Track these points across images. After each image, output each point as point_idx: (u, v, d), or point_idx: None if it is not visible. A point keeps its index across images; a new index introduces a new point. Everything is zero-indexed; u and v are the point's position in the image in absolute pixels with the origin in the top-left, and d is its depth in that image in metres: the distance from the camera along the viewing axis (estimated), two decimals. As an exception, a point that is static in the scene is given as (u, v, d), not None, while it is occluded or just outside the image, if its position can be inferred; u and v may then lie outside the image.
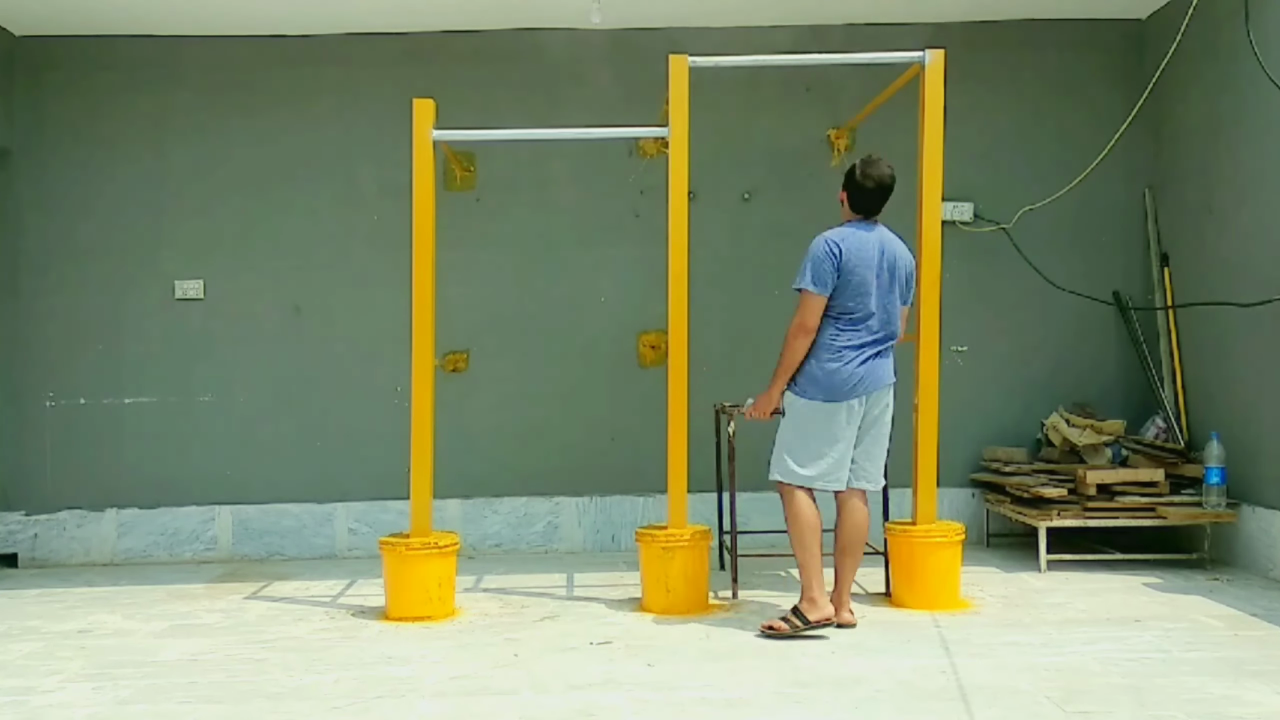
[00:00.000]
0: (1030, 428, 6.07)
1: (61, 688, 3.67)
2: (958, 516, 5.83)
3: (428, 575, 4.56)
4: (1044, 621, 4.35)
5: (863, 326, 4.22)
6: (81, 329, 6.02)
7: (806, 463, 4.24)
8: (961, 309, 5.92)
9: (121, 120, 6.04)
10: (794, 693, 3.48)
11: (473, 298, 6.02)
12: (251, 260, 6.06)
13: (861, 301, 4.21)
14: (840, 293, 4.21)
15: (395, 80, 5.94)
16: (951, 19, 6.04)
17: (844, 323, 4.23)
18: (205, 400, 6.05)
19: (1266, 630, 4.17)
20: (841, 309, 4.22)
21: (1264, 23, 5.06)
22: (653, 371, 5.97)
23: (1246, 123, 5.24)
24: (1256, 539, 5.16)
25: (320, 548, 6.05)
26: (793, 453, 4.27)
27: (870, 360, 4.23)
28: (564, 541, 6.10)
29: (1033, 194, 6.08)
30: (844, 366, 4.20)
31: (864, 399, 4.24)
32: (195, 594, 5.16)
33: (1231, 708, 3.28)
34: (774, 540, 5.99)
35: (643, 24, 5.98)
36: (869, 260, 4.22)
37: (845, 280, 4.20)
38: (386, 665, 3.88)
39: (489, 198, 6.09)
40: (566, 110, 5.98)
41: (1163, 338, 5.89)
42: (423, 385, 4.74)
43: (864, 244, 4.24)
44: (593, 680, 3.65)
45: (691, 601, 4.57)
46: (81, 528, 6.00)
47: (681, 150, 4.70)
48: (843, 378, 4.20)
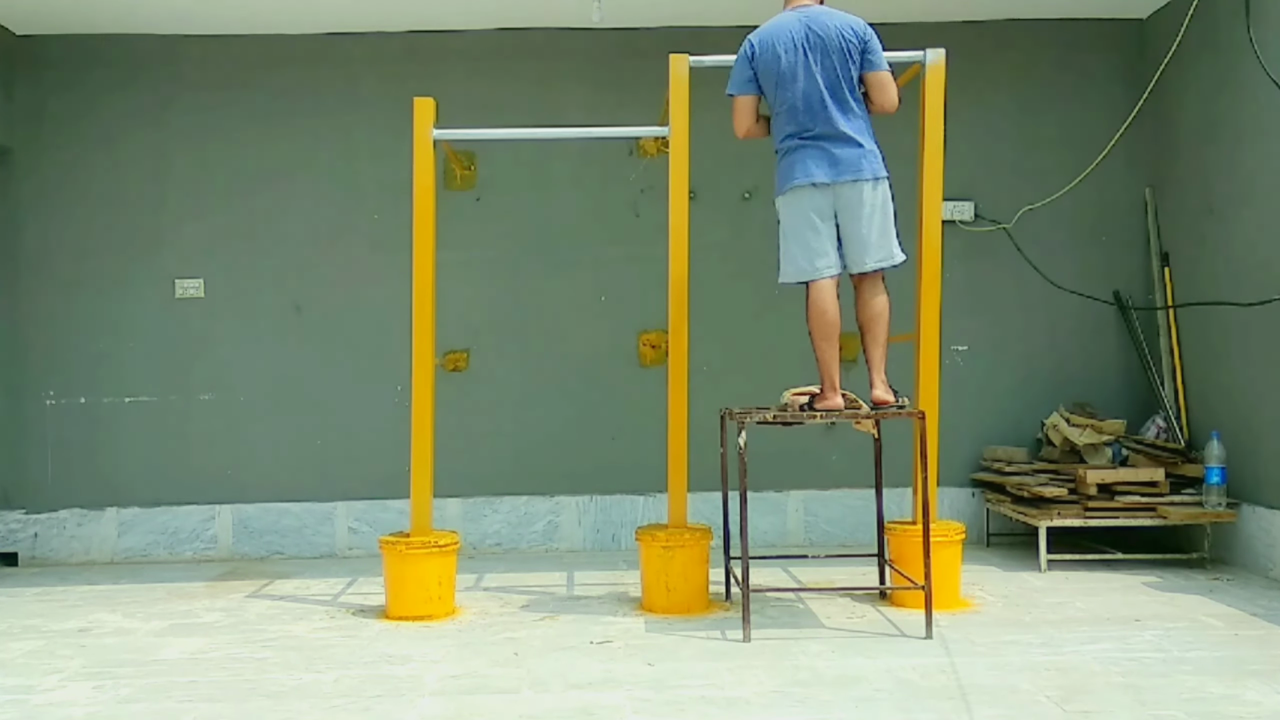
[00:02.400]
0: (1030, 427, 6.08)
1: (62, 686, 3.67)
2: (958, 516, 5.84)
3: (428, 574, 4.56)
4: (1044, 621, 4.35)
5: (799, 112, 4.24)
6: (82, 328, 6.02)
7: (787, 258, 4.35)
8: (961, 309, 5.93)
9: (121, 119, 6.05)
10: (794, 692, 3.48)
11: (473, 297, 6.02)
12: (251, 259, 6.06)
13: (791, 89, 4.24)
14: (769, 86, 4.28)
15: (395, 79, 5.94)
16: (951, 18, 6.04)
17: (784, 115, 4.28)
18: (205, 399, 6.05)
19: (1266, 630, 4.18)
20: (779, 101, 4.28)
21: (1264, 22, 5.06)
22: (653, 371, 5.97)
23: (1247, 123, 5.24)
24: (1256, 539, 5.16)
25: (320, 547, 6.06)
26: (783, 252, 4.38)
27: (818, 147, 4.23)
28: (564, 541, 6.10)
29: (1033, 193, 6.08)
30: (786, 157, 4.31)
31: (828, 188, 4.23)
32: (195, 593, 5.16)
33: (1231, 707, 3.28)
34: (773, 540, 6.01)
35: (643, 24, 5.98)
36: (786, 44, 4.24)
37: (766, 73, 4.27)
38: (387, 664, 3.88)
39: (489, 197, 6.10)
40: (566, 110, 5.98)
41: (1163, 337, 5.89)
42: (423, 384, 4.74)
43: (780, 29, 4.27)
44: (593, 679, 3.65)
45: (692, 601, 4.57)
46: (82, 526, 6.01)
47: (682, 150, 4.70)
48: (786, 165, 4.30)
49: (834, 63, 4.23)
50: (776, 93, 4.28)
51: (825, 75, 4.22)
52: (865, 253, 4.30)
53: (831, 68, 4.23)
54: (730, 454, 4.76)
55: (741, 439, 4.19)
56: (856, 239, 4.29)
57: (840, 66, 4.23)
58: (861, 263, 4.31)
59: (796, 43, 4.23)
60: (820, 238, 4.28)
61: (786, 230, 4.36)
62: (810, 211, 4.27)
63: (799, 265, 4.32)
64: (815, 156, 4.23)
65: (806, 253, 4.30)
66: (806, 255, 4.30)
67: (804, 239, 4.29)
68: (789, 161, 4.30)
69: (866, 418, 4.37)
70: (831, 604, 4.65)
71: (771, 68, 4.26)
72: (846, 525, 6.04)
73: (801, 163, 4.26)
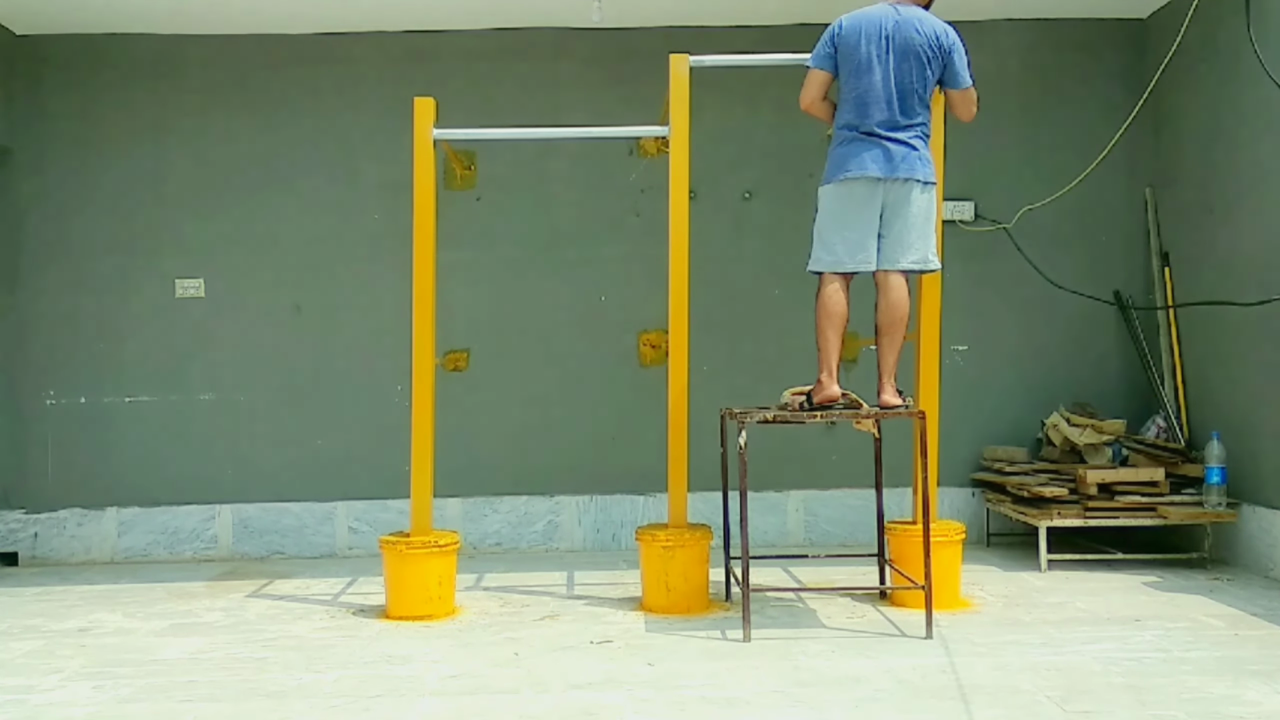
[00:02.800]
0: (1031, 427, 6.07)
1: (62, 686, 3.67)
2: (958, 516, 5.84)
3: (428, 574, 4.56)
4: (1044, 621, 4.35)
5: (867, 104, 4.22)
6: (82, 327, 6.02)
7: (824, 247, 4.32)
8: (962, 308, 5.93)
9: (122, 118, 6.04)
10: (794, 692, 3.48)
11: (473, 297, 6.02)
12: (251, 259, 6.06)
13: (864, 79, 4.22)
14: (845, 70, 4.26)
15: (396, 79, 5.95)
16: (951, 18, 6.01)
17: (851, 102, 4.26)
18: (205, 399, 6.05)
19: (1267, 630, 4.18)
20: (850, 89, 4.26)
21: (1264, 22, 5.06)
22: (653, 370, 5.97)
23: (1247, 122, 5.24)
24: (1257, 539, 5.16)
25: (320, 546, 6.06)
26: (819, 240, 4.35)
27: (877, 143, 4.21)
28: (564, 540, 6.10)
29: (1033, 193, 6.08)
30: (842, 146, 4.28)
31: (879, 184, 4.22)
32: (196, 592, 5.16)
33: (1232, 707, 3.28)
34: (773, 540, 6.00)
35: (643, 23, 5.98)
36: (871, 35, 4.23)
37: (845, 57, 4.25)
38: (387, 664, 3.88)
39: (489, 196, 6.10)
40: (566, 110, 5.98)
41: (1163, 337, 5.89)
42: (423, 384, 4.74)
43: (870, 18, 4.26)
44: (593, 679, 3.65)
45: (692, 601, 4.57)
46: (82, 526, 6.01)
47: (682, 150, 4.70)
48: (840, 155, 4.27)
49: (912, 66, 4.23)
50: (849, 79, 4.27)
51: (900, 75, 4.22)
52: (903, 252, 4.30)
53: (909, 70, 4.23)
54: (730, 454, 4.76)
55: (742, 438, 4.18)
56: (898, 238, 4.28)
57: (917, 71, 4.24)
58: (896, 260, 4.30)
59: (882, 36, 4.23)
60: (864, 232, 4.27)
61: (829, 219, 4.32)
62: (860, 204, 4.26)
63: (837, 256, 4.29)
64: (872, 151, 4.22)
65: (848, 246, 4.28)
66: (847, 248, 4.28)
67: (847, 231, 4.27)
68: (844, 151, 4.27)
69: (866, 416, 4.38)
70: (832, 604, 4.65)
71: (852, 53, 4.25)
72: (846, 525, 6.04)
73: (857, 155, 4.23)
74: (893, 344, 4.36)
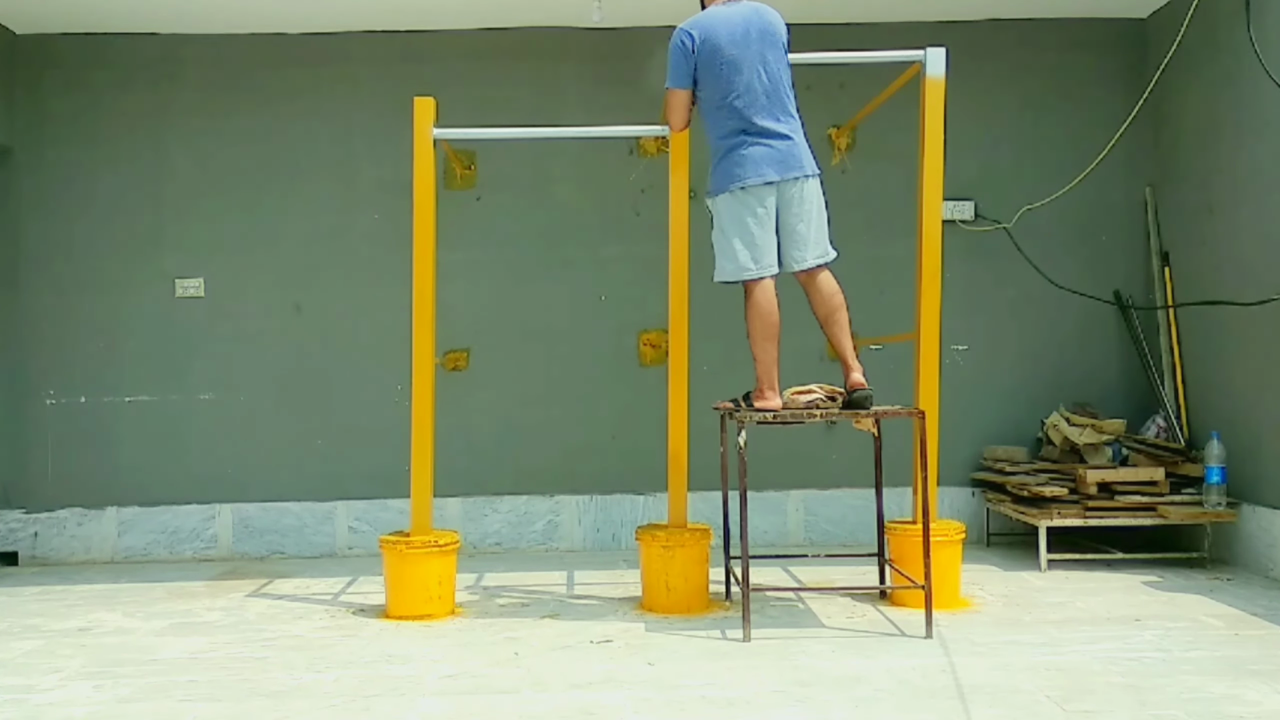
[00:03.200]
0: (1031, 427, 6.07)
1: (62, 686, 3.67)
2: (958, 515, 5.83)
3: (428, 573, 4.56)
4: (1044, 621, 4.35)
5: (747, 106, 4.17)
6: (82, 327, 6.02)
7: (728, 256, 4.29)
8: (962, 308, 5.93)
9: (122, 118, 6.04)
10: (794, 692, 3.48)
11: (473, 296, 6.02)
12: (251, 259, 6.06)
13: (735, 82, 4.16)
14: (709, 79, 4.18)
15: (395, 78, 5.94)
16: (952, 18, 6.04)
17: (727, 109, 4.19)
18: (205, 398, 6.05)
19: (1267, 629, 4.18)
20: (721, 95, 4.18)
21: (1264, 22, 5.06)
22: (653, 370, 5.97)
23: (1247, 122, 5.24)
24: (1257, 538, 5.16)
25: (321, 546, 6.06)
26: (723, 250, 4.31)
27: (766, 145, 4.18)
28: (564, 540, 6.10)
29: (1033, 193, 6.08)
30: (732, 153, 4.22)
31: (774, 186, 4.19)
32: (196, 592, 5.16)
33: (1232, 707, 3.28)
34: (773, 540, 6.00)
35: (643, 22, 5.98)
36: (734, 35, 4.16)
37: (707, 65, 4.18)
38: (387, 663, 3.88)
39: (489, 196, 6.10)
40: (566, 110, 5.98)
41: (1163, 337, 5.89)
42: (423, 384, 4.74)
43: (721, 20, 4.19)
44: (593, 679, 3.65)
45: (692, 601, 4.57)
46: (82, 526, 6.01)
47: (681, 150, 4.70)
48: (732, 161, 4.22)
49: (779, 55, 4.21)
50: (716, 86, 4.20)
51: (769, 69, 4.19)
52: (805, 250, 4.28)
53: (776, 61, 4.20)
54: (730, 453, 4.76)
55: (741, 438, 4.18)
56: (796, 236, 4.26)
57: (783, 60, 4.22)
58: (802, 260, 4.29)
59: (744, 32, 4.18)
60: (766, 236, 4.24)
61: (729, 228, 4.28)
62: (758, 209, 4.23)
63: (742, 264, 4.26)
64: (763, 153, 4.19)
65: (753, 251, 4.24)
66: (752, 254, 4.24)
67: (750, 237, 4.24)
68: (735, 159, 4.23)
69: (867, 416, 4.37)
70: (832, 604, 4.65)
71: (714, 58, 4.18)
72: (846, 525, 6.04)
73: (752, 161, 4.19)
74: (841, 328, 4.33)
